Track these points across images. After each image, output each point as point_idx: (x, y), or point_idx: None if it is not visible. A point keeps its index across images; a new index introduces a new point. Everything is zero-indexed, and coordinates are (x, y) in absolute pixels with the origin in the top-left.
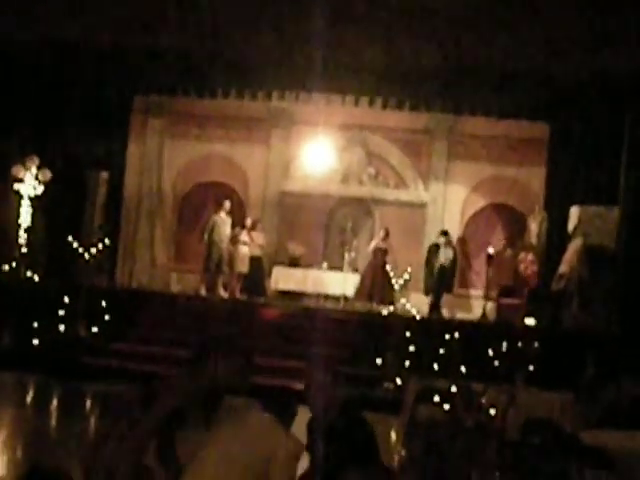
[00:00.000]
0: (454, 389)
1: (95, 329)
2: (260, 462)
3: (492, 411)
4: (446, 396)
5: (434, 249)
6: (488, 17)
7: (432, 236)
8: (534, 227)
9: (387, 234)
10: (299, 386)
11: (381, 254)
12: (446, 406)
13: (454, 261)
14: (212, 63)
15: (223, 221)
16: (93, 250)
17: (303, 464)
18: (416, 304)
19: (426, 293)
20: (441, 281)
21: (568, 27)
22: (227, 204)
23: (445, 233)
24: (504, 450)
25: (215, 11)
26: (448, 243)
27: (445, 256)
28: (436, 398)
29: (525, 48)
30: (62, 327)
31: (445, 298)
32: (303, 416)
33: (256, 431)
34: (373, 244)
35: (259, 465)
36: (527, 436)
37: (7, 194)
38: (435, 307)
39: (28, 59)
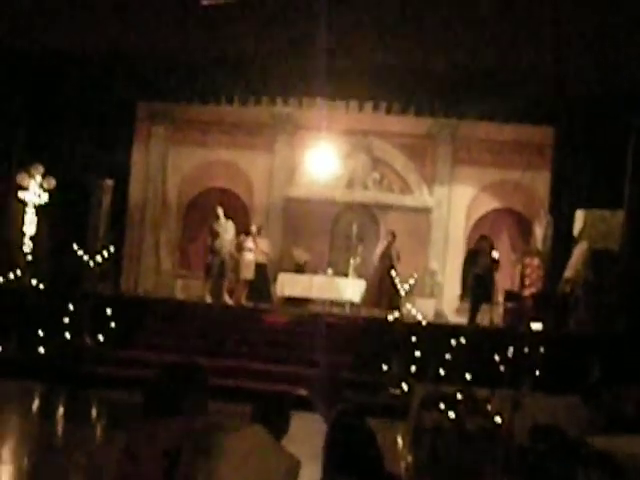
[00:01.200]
0: (460, 396)
1: (100, 337)
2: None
3: (498, 417)
4: (452, 402)
5: (472, 255)
6: (493, 22)
7: (438, 241)
8: (539, 231)
9: (394, 237)
10: (303, 392)
11: (388, 258)
12: (452, 413)
13: (491, 268)
14: (216, 69)
15: (224, 228)
16: (98, 258)
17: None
18: (421, 309)
19: (462, 300)
20: (478, 289)
21: (574, 32)
22: (219, 210)
23: (484, 238)
24: (511, 456)
25: (219, 17)
26: (486, 249)
27: (483, 263)
28: (442, 405)
29: (530, 52)
30: (67, 335)
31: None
32: (306, 422)
33: (250, 448)
34: (380, 248)
35: None
36: (534, 442)
37: (12, 202)
38: (472, 316)
39: (32, 67)
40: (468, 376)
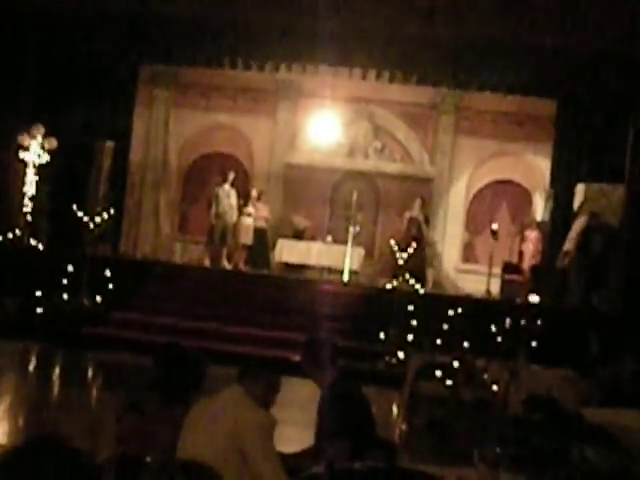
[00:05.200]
0: (456, 364)
1: (98, 298)
2: (231, 436)
3: (494, 387)
4: (448, 371)
5: (584, 234)
6: None
7: (438, 211)
8: (539, 204)
9: (424, 203)
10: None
11: (415, 225)
12: (448, 381)
13: (605, 249)
14: (219, 33)
15: (226, 192)
16: (98, 219)
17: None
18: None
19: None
20: (591, 272)
21: (577, 3)
22: (231, 175)
23: (595, 215)
24: (505, 426)
25: None
26: (599, 227)
27: (595, 243)
28: (438, 373)
29: (533, 24)
30: (65, 296)
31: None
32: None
33: (225, 404)
34: (408, 214)
35: (231, 439)
36: (529, 412)
37: (12, 162)
38: (587, 300)
39: (34, 27)
40: (465, 346)
